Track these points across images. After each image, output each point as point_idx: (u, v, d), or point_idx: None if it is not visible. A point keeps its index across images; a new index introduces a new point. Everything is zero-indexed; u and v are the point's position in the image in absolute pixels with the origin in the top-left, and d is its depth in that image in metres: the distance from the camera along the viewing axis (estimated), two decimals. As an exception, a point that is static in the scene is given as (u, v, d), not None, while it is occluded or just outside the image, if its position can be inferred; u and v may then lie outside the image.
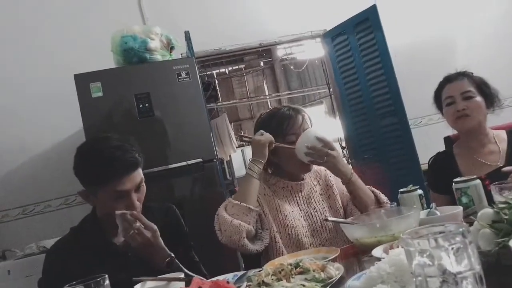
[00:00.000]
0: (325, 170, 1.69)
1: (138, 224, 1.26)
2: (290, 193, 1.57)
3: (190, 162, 2.50)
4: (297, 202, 1.56)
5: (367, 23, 3.39)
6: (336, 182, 1.63)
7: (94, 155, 1.31)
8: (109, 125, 2.46)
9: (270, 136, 1.48)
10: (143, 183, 1.36)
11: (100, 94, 2.53)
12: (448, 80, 1.72)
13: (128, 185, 1.28)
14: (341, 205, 1.60)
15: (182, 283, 1.02)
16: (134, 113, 2.54)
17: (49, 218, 3.03)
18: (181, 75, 2.61)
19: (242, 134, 1.62)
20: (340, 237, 1.49)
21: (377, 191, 1.57)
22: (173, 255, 1.30)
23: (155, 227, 1.29)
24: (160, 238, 1.29)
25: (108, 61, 2.69)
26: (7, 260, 2.58)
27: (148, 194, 2.25)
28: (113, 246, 1.36)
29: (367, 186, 1.57)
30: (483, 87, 1.68)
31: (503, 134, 1.70)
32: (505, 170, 1.39)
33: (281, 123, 1.54)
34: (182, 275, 1.08)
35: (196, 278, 0.95)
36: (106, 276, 0.93)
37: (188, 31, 2.90)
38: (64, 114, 2.96)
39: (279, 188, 1.56)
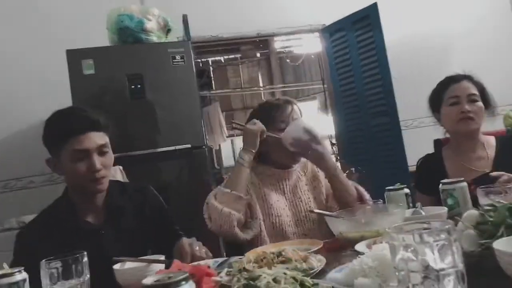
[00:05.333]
0: None
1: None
2: (277, 181, 1.58)
3: (178, 147, 2.48)
4: (283, 191, 1.56)
5: (366, 21, 3.38)
6: (322, 174, 1.63)
7: (55, 117, 1.32)
8: (99, 104, 2.42)
9: (262, 125, 1.48)
10: (108, 149, 1.33)
11: (92, 71, 2.49)
12: (454, 80, 1.69)
13: (86, 143, 1.25)
14: (326, 198, 1.61)
15: (162, 265, 1.01)
16: (125, 93, 2.51)
17: (32, 194, 2.98)
18: (175, 59, 2.57)
19: (235, 121, 1.62)
20: (323, 228, 1.48)
21: (361, 189, 1.57)
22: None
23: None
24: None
25: (102, 39, 2.64)
26: (-14, 234, 2.54)
27: (134, 176, 2.25)
28: (86, 225, 1.33)
29: (352, 182, 1.57)
30: (484, 92, 1.68)
31: (492, 140, 1.71)
32: (493, 175, 1.39)
33: (270, 111, 1.57)
34: (163, 257, 1.06)
35: (177, 261, 0.94)
36: (85, 253, 0.91)
37: (186, 15, 2.86)
38: (53, 90, 2.89)
39: (266, 176, 1.57)
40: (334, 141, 4.18)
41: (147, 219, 1.41)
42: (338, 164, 3.98)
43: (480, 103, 1.64)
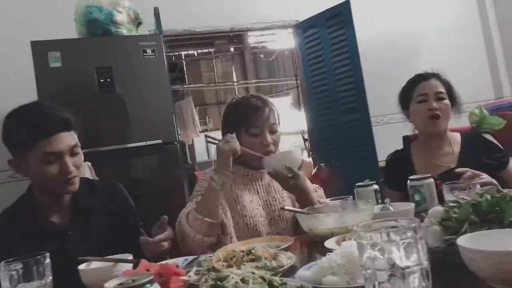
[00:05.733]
0: None
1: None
2: (250, 181, 1.56)
3: (149, 142, 2.44)
4: (257, 190, 1.55)
5: (339, 18, 3.41)
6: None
7: (21, 116, 1.23)
8: (66, 98, 2.34)
9: (235, 145, 1.38)
10: (79, 150, 1.27)
11: (58, 64, 2.40)
12: (423, 78, 1.73)
13: (58, 145, 1.19)
14: None
15: (130, 265, 0.98)
16: (94, 87, 2.44)
17: (-5, 190, 2.87)
18: (146, 52, 2.52)
19: (210, 136, 1.55)
20: (296, 228, 1.49)
21: None
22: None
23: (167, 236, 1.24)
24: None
25: (69, 30, 2.56)
26: None
27: (104, 172, 2.20)
28: (51, 225, 1.28)
29: (323, 201, 1.55)
30: (451, 90, 1.73)
31: (457, 136, 1.76)
32: (458, 171, 1.43)
33: (247, 113, 1.51)
34: (130, 257, 1.04)
35: (144, 261, 0.92)
36: (47, 254, 0.88)
37: (157, 8, 2.80)
38: (17, 83, 2.78)
39: (239, 176, 1.55)
40: (306, 136, 4.21)
41: (115, 218, 1.37)
42: (311, 159, 4.03)
43: (447, 101, 1.69)
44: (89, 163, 2.19)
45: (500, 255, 0.67)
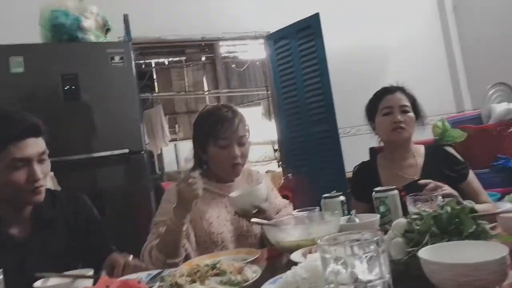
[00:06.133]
0: (257, 172, 1.69)
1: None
2: (219, 195, 1.53)
3: (115, 152, 2.38)
4: (225, 205, 1.51)
5: (309, 30, 3.47)
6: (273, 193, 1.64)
7: None
8: (29, 104, 2.26)
9: (196, 190, 1.29)
10: (47, 157, 1.23)
11: (21, 69, 2.32)
12: (389, 91, 1.77)
13: (27, 151, 1.15)
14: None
15: (89, 281, 0.95)
16: (59, 94, 2.37)
17: None
18: (114, 59, 2.47)
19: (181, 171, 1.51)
20: (264, 243, 1.47)
21: None
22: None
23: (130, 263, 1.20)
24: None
25: (33, 35, 2.48)
26: None
27: (68, 182, 2.13)
28: (9, 238, 1.22)
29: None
30: (415, 104, 1.77)
31: (421, 149, 1.80)
32: (421, 183, 1.47)
33: (216, 124, 1.48)
34: (91, 272, 1.00)
35: (104, 277, 0.88)
36: (1, 270, 0.83)
37: (127, 15, 2.76)
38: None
39: (207, 191, 1.50)
40: (276, 146, 4.24)
41: (78, 232, 1.32)
42: (280, 169, 4.05)
43: (411, 114, 1.73)
44: (52, 173, 2.11)
45: (460, 267, 0.69)
